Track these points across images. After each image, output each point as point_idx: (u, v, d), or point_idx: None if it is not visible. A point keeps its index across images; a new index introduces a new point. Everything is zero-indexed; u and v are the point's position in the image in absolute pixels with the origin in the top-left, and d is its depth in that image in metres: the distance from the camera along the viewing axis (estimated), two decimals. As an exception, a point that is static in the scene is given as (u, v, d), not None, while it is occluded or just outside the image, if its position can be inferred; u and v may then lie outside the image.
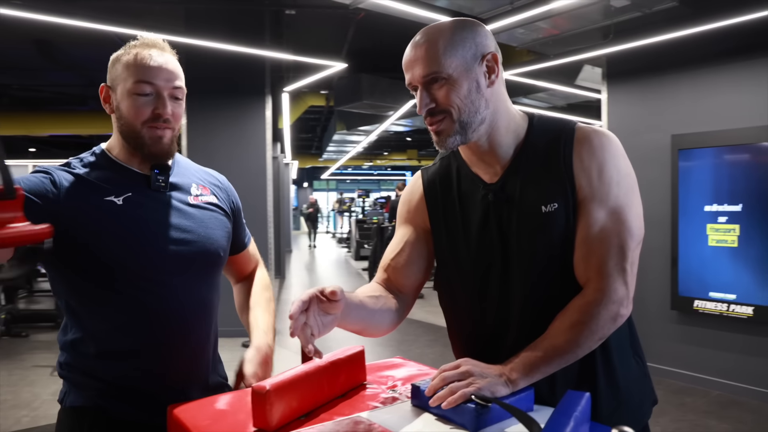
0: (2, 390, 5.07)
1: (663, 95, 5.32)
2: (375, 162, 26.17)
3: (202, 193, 1.56)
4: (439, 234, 1.45)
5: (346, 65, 6.37)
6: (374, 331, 1.39)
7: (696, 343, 5.06)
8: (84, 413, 1.42)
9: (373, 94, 8.89)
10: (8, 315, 6.49)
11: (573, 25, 5.67)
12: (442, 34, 1.25)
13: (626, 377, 1.37)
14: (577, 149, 1.28)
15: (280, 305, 9.12)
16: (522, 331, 1.31)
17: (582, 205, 1.26)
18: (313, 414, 1.20)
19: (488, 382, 1.14)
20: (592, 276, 1.25)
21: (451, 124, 1.27)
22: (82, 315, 1.43)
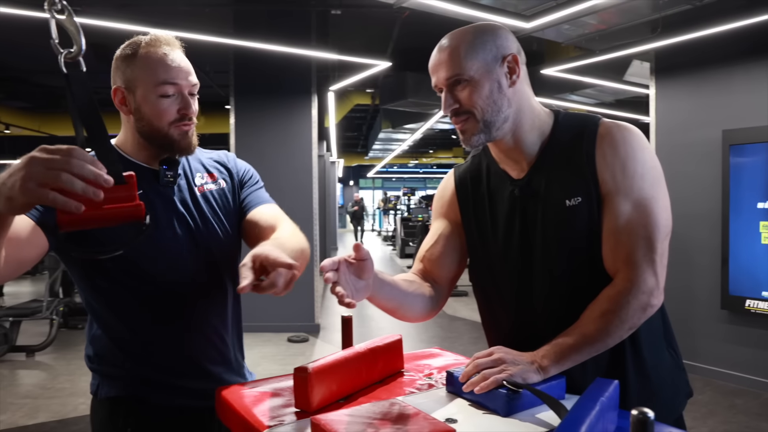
0: (61, 379, 5.31)
1: (713, 89, 5.19)
2: (420, 160, 26.14)
3: (207, 182, 1.57)
4: (470, 228, 1.52)
5: (391, 64, 6.43)
6: (407, 313, 1.45)
7: (747, 344, 4.94)
8: (118, 403, 1.47)
9: (418, 92, 8.90)
10: (66, 308, 6.74)
11: (620, 19, 5.59)
12: (464, 38, 1.32)
13: (658, 369, 1.39)
14: (599, 144, 1.31)
15: (325, 301, 9.24)
16: (549, 323, 1.36)
17: (606, 198, 1.30)
18: (351, 398, 1.26)
19: (520, 369, 1.18)
20: (621, 267, 1.28)
21: (474, 124, 1.33)
22: (100, 310, 1.48)
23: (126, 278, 1.43)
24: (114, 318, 1.47)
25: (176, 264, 1.46)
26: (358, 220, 22.26)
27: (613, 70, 7.69)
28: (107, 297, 1.46)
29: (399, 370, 1.45)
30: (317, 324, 7.11)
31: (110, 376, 1.49)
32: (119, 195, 0.97)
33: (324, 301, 9.27)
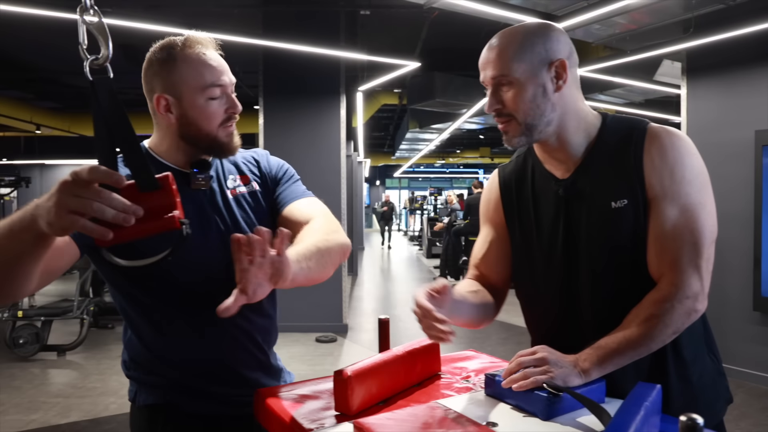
0: (92, 378, 5.37)
1: (746, 89, 5.12)
2: (447, 160, 26.07)
3: (239, 185, 1.52)
4: (514, 229, 1.52)
5: (420, 64, 6.42)
6: (476, 323, 1.48)
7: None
8: (157, 411, 1.45)
9: (446, 92, 8.89)
10: (96, 307, 6.83)
11: (652, 19, 5.52)
12: (514, 39, 1.32)
13: (699, 374, 1.38)
14: (647, 148, 1.31)
15: (353, 302, 9.27)
16: (593, 325, 1.35)
17: (653, 203, 1.29)
18: (390, 401, 1.26)
19: (562, 371, 1.17)
20: (666, 272, 1.28)
21: (516, 126, 1.34)
22: (134, 317, 1.45)
23: (158, 286, 1.40)
24: (147, 325, 1.45)
25: (208, 270, 1.41)
26: (387, 221, 21.28)
27: (642, 70, 7.59)
28: (140, 304, 1.43)
29: (436, 373, 1.45)
30: (345, 324, 7.12)
31: (147, 383, 1.47)
32: (156, 203, 0.95)
33: (351, 302, 9.30)
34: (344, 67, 7.03)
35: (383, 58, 6.30)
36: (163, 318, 1.43)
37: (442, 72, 8.85)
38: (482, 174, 32.15)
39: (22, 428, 4.21)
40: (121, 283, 1.42)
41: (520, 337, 7.01)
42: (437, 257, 12.75)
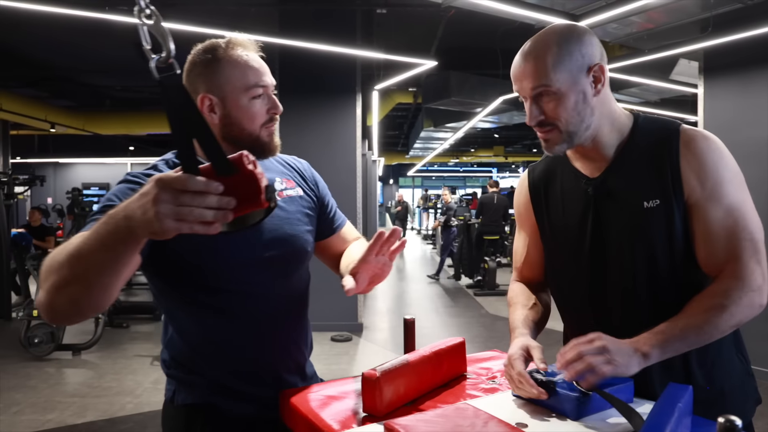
0: (108, 378, 5.38)
1: (764, 89, 5.09)
2: (461, 159, 26.01)
3: (286, 188, 1.55)
4: (544, 228, 1.53)
5: (436, 63, 6.40)
6: None
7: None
8: (196, 411, 1.45)
9: (462, 91, 8.86)
10: (111, 307, 6.87)
11: (669, 18, 5.48)
12: (550, 48, 1.29)
13: (727, 374, 1.38)
14: (684, 151, 1.31)
15: (368, 300, 9.26)
16: (625, 321, 1.36)
17: (696, 206, 1.30)
18: (418, 401, 1.26)
19: (624, 359, 1.15)
20: (727, 267, 1.28)
21: (558, 135, 1.34)
22: (177, 316, 1.47)
23: (204, 283, 1.41)
24: (190, 322, 1.46)
25: (252, 270, 1.44)
26: (402, 222, 20.26)
27: (658, 69, 7.54)
28: (185, 302, 1.44)
29: (462, 373, 1.44)
30: (360, 323, 7.13)
31: (187, 382, 1.47)
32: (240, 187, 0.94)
33: (366, 300, 9.30)
34: (360, 65, 7.03)
35: (399, 57, 6.29)
36: (206, 315, 1.44)
37: (458, 71, 8.83)
38: (496, 173, 32.08)
39: (39, 428, 4.23)
40: (165, 280, 1.43)
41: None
42: (450, 256, 12.72)
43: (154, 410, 4.49)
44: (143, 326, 7.36)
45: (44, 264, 1.09)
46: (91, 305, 1.08)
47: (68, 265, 1.03)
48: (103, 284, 1.05)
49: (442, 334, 6.93)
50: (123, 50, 9.29)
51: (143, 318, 7.72)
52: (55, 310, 1.08)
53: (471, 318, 8.15)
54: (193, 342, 1.46)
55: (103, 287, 1.06)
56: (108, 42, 8.53)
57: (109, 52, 9.53)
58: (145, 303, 8.24)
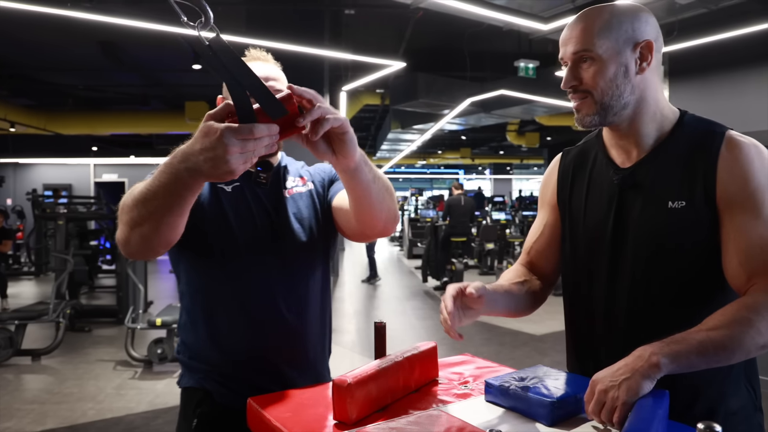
0: (69, 383, 5.23)
1: (728, 93, 5.20)
2: (428, 160, 26.12)
3: (297, 184, 1.65)
4: (564, 213, 1.48)
5: (405, 64, 6.40)
6: (519, 313, 1.49)
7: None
8: (193, 394, 1.55)
9: (429, 93, 8.89)
10: (72, 310, 6.69)
11: (635, 22, 5.55)
12: (601, 15, 1.27)
13: (731, 404, 1.28)
14: (724, 155, 1.24)
15: (335, 303, 9.21)
16: (630, 325, 1.30)
17: (728, 211, 1.23)
18: (389, 408, 1.23)
19: (630, 389, 1.03)
20: (758, 280, 1.18)
21: (591, 104, 1.29)
22: (187, 296, 1.58)
23: (209, 267, 1.53)
24: (193, 305, 1.57)
25: (255, 258, 1.52)
26: None
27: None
28: (193, 283, 1.57)
29: (434, 379, 1.42)
30: (327, 325, 7.08)
31: (188, 367, 1.58)
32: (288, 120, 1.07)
33: (333, 303, 9.24)
34: (328, 66, 7.00)
35: (369, 58, 6.27)
36: (210, 297, 1.55)
37: (426, 73, 8.85)
38: (463, 174, 32.24)
39: (-5, 436, 4.10)
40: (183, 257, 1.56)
41: (502, 338, 7.02)
42: (418, 257, 12.75)
43: (116, 416, 4.39)
44: (106, 330, 7.20)
45: (120, 203, 1.28)
46: (161, 242, 1.27)
47: (136, 207, 1.20)
48: (170, 223, 1.21)
49: (410, 337, 6.92)
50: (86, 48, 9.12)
51: (106, 322, 7.54)
52: (130, 245, 1.28)
53: (438, 320, 8.12)
54: (196, 325, 1.56)
55: (170, 226, 1.22)
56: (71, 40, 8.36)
57: (71, 50, 9.35)
58: (109, 306, 8.07)
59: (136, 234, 1.23)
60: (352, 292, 10.75)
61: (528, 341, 6.76)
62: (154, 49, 8.80)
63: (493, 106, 10.15)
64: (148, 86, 12.22)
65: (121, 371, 5.46)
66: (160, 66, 10.60)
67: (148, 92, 12.87)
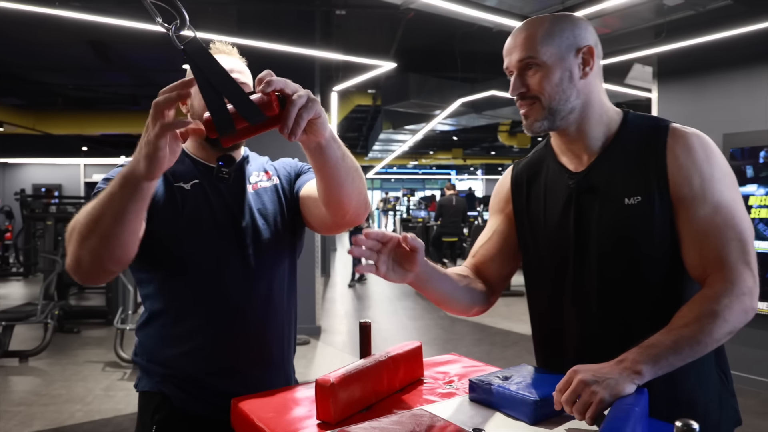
0: (56, 385, 5.19)
1: (715, 94, 5.25)
2: (420, 161, 26.10)
3: (261, 179, 1.62)
4: (522, 222, 1.49)
5: (395, 65, 6.39)
6: (455, 306, 1.46)
7: (748, 344, 5.00)
8: (151, 398, 1.49)
9: (421, 93, 8.90)
10: (61, 311, 6.65)
11: (624, 23, 5.59)
12: (542, 24, 1.31)
13: (704, 392, 1.32)
14: (671, 147, 1.28)
15: (325, 303, 9.21)
16: (598, 321, 1.32)
17: (683, 203, 1.26)
18: (373, 407, 1.23)
19: (608, 384, 1.05)
20: (714, 270, 1.22)
21: (540, 110, 1.32)
22: (149, 295, 1.52)
23: (169, 268, 1.48)
24: (154, 307, 1.52)
25: (216, 257, 1.48)
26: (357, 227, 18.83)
27: (613, 74, 7.67)
28: (153, 285, 1.51)
29: (419, 378, 1.42)
30: (318, 326, 7.07)
31: (146, 370, 1.52)
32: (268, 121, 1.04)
33: (325, 303, 9.24)
34: (319, 66, 6.98)
35: (358, 58, 6.25)
36: (171, 296, 1.50)
37: (417, 73, 8.86)
38: (455, 175, 32.27)
39: (-19, 439, 4.06)
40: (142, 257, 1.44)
41: (493, 337, 7.03)
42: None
43: (105, 418, 4.37)
44: (95, 331, 7.16)
45: (68, 227, 1.24)
46: (112, 257, 1.21)
47: (84, 220, 1.18)
48: (116, 235, 1.17)
49: (400, 337, 6.92)
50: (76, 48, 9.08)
51: (95, 323, 7.51)
52: (81, 265, 1.23)
53: (430, 320, 8.15)
54: (156, 327, 1.51)
55: (117, 238, 1.17)
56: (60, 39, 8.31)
57: (61, 50, 9.29)
58: (98, 307, 8.01)
59: (84, 250, 1.20)
60: (343, 293, 10.74)
61: (518, 341, 6.77)
62: (145, 49, 8.76)
63: (484, 106, 10.16)
64: (138, 86, 12.15)
65: (110, 372, 5.44)
66: (150, 66, 10.54)
67: (139, 92, 12.79)
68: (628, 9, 4.95)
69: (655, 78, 5.78)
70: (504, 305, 8.91)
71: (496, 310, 8.99)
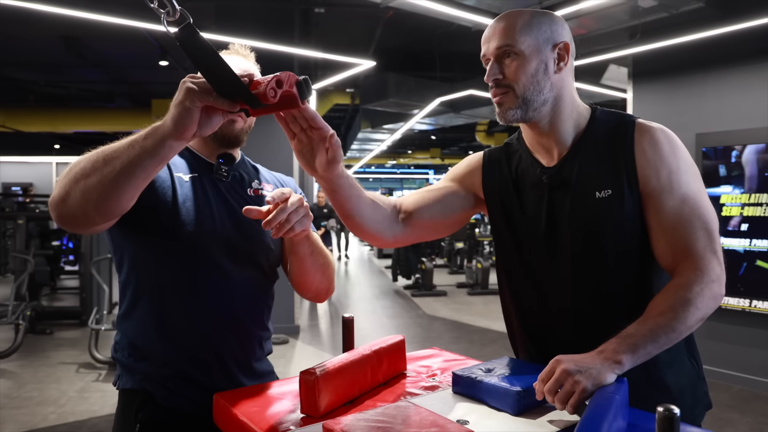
0: (28, 387, 5.10)
1: (688, 94, 5.35)
2: (398, 160, 26.16)
3: (262, 188, 1.63)
4: (496, 210, 1.50)
5: (375, 63, 6.39)
6: (362, 223, 1.41)
7: (719, 339, 5.10)
8: (134, 396, 1.46)
9: (399, 92, 8.91)
10: (33, 312, 6.53)
11: (600, 25, 5.66)
12: (522, 16, 1.34)
13: (677, 377, 1.37)
14: (638, 141, 1.32)
15: (304, 302, 9.17)
16: (572, 313, 1.35)
17: (651, 196, 1.31)
18: (357, 401, 1.23)
19: (590, 374, 1.06)
20: (683, 259, 1.27)
21: (513, 99, 1.34)
22: (131, 284, 1.48)
23: (159, 252, 1.45)
24: (137, 294, 1.48)
25: (210, 248, 1.46)
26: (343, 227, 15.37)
27: (590, 74, 7.76)
28: (138, 270, 1.47)
29: (402, 372, 1.42)
30: (297, 325, 7.05)
31: (127, 368, 1.48)
32: None
33: (303, 302, 9.20)
34: (298, 64, 6.96)
35: (337, 57, 6.24)
36: (157, 286, 1.46)
37: (396, 72, 8.87)
38: (433, 174, 32.38)
39: (-50, 443, 3.98)
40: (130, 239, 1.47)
41: (472, 335, 7.06)
42: (389, 257, 12.77)
43: (79, 420, 4.30)
44: (69, 332, 7.06)
45: (70, 165, 1.18)
46: (102, 205, 1.16)
47: (93, 157, 1.15)
48: (117, 183, 1.13)
49: (380, 335, 6.85)
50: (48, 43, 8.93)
51: (69, 323, 7.40)
52: (66, 202, 1.16)
53: (409, 319, 8.17)
54: (139, 321, 1.47)
55: (116, 186, 1.13)
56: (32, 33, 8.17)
57: (32, 45, 9.12)
58: (72, 308, 7.89)
59: (79, 187, 1.15)
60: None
61: (497, 339, 6.81)
62: (120, 45, 8.65)
63: (462, 106, 10.22)
64: (113, 83, 12.00)
65: (84, 374, 5.36)
66: (125, 62, 10.42)
67: (114, 89, 12.64)
68: (603, 10, 5.02)
69: (630, 79, 5.86)
70: (482, 303, 9.00)
71: (474, 308, 9.05)
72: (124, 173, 1.12)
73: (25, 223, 7.87)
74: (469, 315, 8.31)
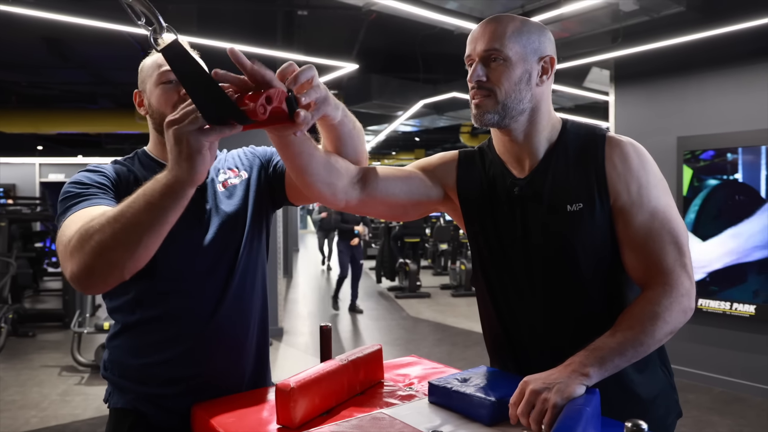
0: (11, 390, 5.06)
1: (669, 98, 5.40)
2: (383, 162, 26.09)
3: (229, 177, 1.58)
4: (470, 213, 1.48)
5: (358, 66, 6.39)
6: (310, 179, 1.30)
7: (699, 341, 5.15)
8: (125, 415, 1.45)
9: (383, 94, 8.91)
10: (15, 314, 6.47)
11: (582, 28, 5.69)
12: (513, 21, 1.33)
13: (650, 387, 1.38)
14: (609, 156, 1.33)
15: (288, 304, 9.17)
16: (543, 322, 1.36)
17: (622, 210, 1.31)
18: (333, 411, 1.24)
19: (558, 389, 1.07)
20: (654, 274, 1.28)
21: (493, 103, 1.33)
22: (118, 309, 1.47)
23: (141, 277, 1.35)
24: (127, 320, 1.46)
25: (187, 261, 1.44)
26: (326, 233, 14.39)
27: (572, 77, 7.81)
28: (128, 296, 1.44)
29: (379, 381, 1.43)
30: (281, 327, 7.04)
31: (118, 387, 1.47)
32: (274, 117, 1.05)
33: (287, 305, 9.19)
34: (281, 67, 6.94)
35: (320, 59, 6.24)
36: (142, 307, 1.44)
37: (379, 74, 8.87)
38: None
39: (-70, 447, 3.94)
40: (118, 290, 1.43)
41: (455, 338, 7.08)
42: (372, 258, 12.76)
43: (61, 423, 4.28)
44: (51, 335, 7.00)
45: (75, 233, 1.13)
46: (135, 267, 1.13)
47: (108, 232, 1.09)
48: (146, 245, 1.10)
49: (363, 338, 6.93)
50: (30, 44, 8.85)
51: (51, 326, 7.34)
52: (92, 275, 1.12)
53: (392, 321, 8.18)
54: (128, 340, 1.47)
55: (146, 248, 1.11)
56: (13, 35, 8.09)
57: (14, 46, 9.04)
58: (54, 310, 7.83)
59: (104, 260, 1.10)
60: (305, 294, 10.71)
61: (479, 341, 6.83)
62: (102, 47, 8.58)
63: (445, 108, 10.24)
64: (95, 84, 11.90)
65: (67, 377, 5.32)
66: (107, 64, 10.34)
67: (96, 90, 12.53)
68: (586, 14, 5.05)
69: (612, 81, 5.91)
70: (466, 305, 9.02)
71: (458, 310, 9.04)
72: (152, 235, 1.10)
73: (8, 225, 7.79)
74: (453, 317, 8.33)
